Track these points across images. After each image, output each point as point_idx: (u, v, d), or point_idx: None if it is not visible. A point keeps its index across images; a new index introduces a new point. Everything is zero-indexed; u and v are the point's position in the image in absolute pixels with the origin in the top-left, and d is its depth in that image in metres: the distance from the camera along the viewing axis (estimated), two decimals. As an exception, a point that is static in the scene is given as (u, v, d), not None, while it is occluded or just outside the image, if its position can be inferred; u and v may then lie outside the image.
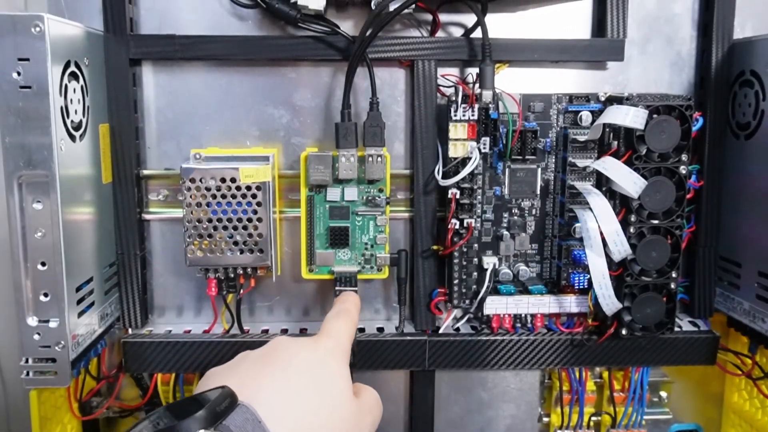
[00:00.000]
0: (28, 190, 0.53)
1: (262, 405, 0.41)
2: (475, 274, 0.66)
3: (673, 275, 0.62)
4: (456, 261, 0.65)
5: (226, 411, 0.39)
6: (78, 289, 0.57)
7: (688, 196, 0.61)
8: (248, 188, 0.61)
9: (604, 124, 0.62)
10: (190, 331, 0.68)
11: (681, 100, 0.59)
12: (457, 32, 0.67)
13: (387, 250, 0.66)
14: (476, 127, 0.62)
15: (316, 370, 0.47)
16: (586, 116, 0.65)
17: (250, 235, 0.62)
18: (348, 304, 0.58)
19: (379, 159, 0.63)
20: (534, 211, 0.67)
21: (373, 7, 0.61)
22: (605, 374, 0.73)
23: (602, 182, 0.63)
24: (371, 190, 0.65)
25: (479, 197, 0.66)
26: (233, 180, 0.61)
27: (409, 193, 0.69)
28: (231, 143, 0.67)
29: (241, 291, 0.66)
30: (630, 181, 0.59)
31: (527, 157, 0.65)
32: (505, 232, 0.67)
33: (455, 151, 0.62)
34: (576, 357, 0.68)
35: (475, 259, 0.66)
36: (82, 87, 0.58)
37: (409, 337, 0.67)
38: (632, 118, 0.58)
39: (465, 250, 0.65)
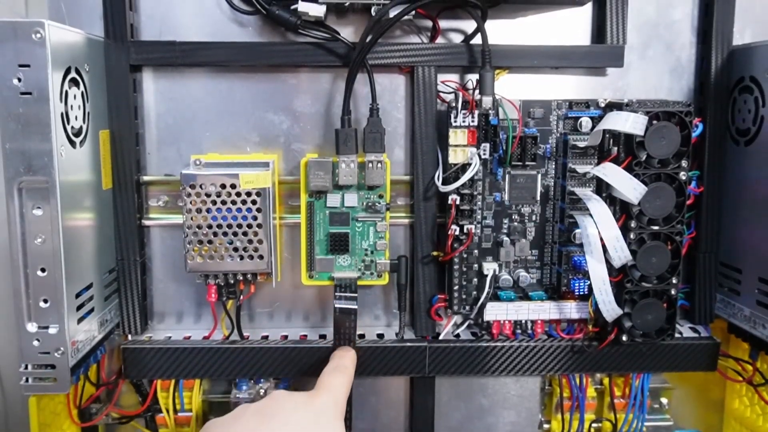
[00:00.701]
0: (28, 196, 0.53)
1: None
2: (476, 280, 0.66)
3: (674, 281, 0.62)
4: (456, 267, 0.65)
5: None
6: (78, 295, 0.57)
7: (688, 202, 0.61)
8: (248, 194, 0.61)
9: (604, 130, 0.62)
10: (189, 337, 0.68)
11: (681, 106, 0.59)
12: (457, 38, 0.67)
13: (387, 256, 0.66)
14: (476, 133, 0.62)
15: (314, 424, 0.48)
16: (585, 122, 0.65)
17: (250, 241, 0.62)
18: (345, 360, 0.59)
19: (379, 165, 0.63)
20: (534, 217, 0.67)
21: (373, 13, 0.61)
22: (606, 380, 0.73)
23: (602, 188, 0.63)
24: (371, 196, 0.65)
25: (479, 203, 0.66)
26: (233, 186, 0.61)
27: (409, 199, 0.69)
28: (231, 149, 0.67)
29: (241, 297, 0.66)
30: (630, 187, 0.59)
31: (527, 163, 0.65)
32: (505, 238, 0.67)
33: (455, 157, 0.62)
34: (576, 363, 0.67)
35: (475, 265, 0.66)
36: (82, 93, 0.58)
37: (409, 344, 0.67)
38: (632, 124, 0.58)
39: (465, 256, 0.65)
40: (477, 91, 0.62)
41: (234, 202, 0.61)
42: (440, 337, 0.68)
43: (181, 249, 0.64)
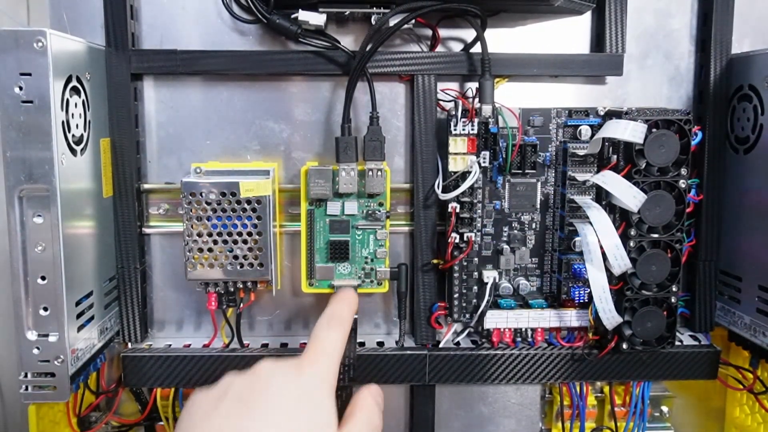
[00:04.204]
0: (28, 204, 0.53)
1: None
2: (476, 288, 0.66)
3: (674, 289, 0.62)
4: (456, 275, 0.65)
5: None
6: (78, 303, 0.57)
7: (687, 209, 0.61)
8: (248, 202, 0.61)
9: (604, 138, 0.62)
10: (189, 345, 0.68)
11: (680, 115, 0.59)
12: (457, 47, 0.67)
13: (387, 264, 0.66)
14: (476, 141, 0.62)
15: (301, 405, 0.45)
16: (585, 130, 0.65)
17: (251, 249, 0.62)
18: (342, 306, 0.55)
19: (379, 173, 0.63)
20: (534, 225, 0.67)
21: (373, 22, 0.62)
22: (606, 389, 0.73)
23: (602, 196, 0.63)
24: (371, 204, 0.65)
25: (479, 211, 0.66)
26: (233, 194, 0.61)
27: (409, 207, 0.69)
28: (231, 157, 0.67)
29: (241, 305, 0.66)
30: (629, 195, 0.59)
31: (527, 171, 0.65)
32: (505, 246, 0.67)
33: (455, 165, 0.62)
34: (577, 371, 0.67)
35: (475, 273, 0.66)
36: (83, 101, 0.58)
37: (409, 352, 0.67)
38: (631, 132, 0.58)
39: (465, 264, 0.65)
40: (477, 100, 0.63)
41: (234, 210, 0.62)
42: (440, 345, 0.68)
43: (181, 257, 0.64)
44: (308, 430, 0.45)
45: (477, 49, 0.64)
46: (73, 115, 0.56)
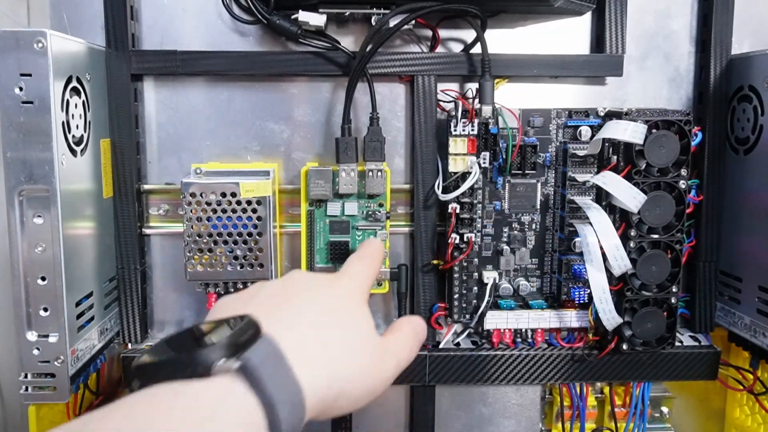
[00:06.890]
0: (28, 204, 0.53)
1: (284, 338, 0.37)
2: (476, 288, 0.66)
3: (674, 290, 0.62)
4: (456, 275, 0.65)
5: (248, 342, 0.35)
6: (78, 304, 0.57)
7: (687, 210, 0.61)
8: (249, 203, 0.62)
9: (604, 139, 0.62)
10: (189, 346, 0.67)
11: (680, 115, 0.59)
12: (457, 48, 0.67)
13: (387, 264, 0.66)
14: (476, 142, 0.62)
15: (338, 307, 0.43)
16: (585, 131, 0.65)
17: (251, 250, 0.62)
18: (372, 249, 0.54)
19: (380, 174, 0.64)
20: (534, 226, 0.67)
21: (373, 23, 0.62)
22: (606, 389, 0.73)
23: (602, 197, 0.63)
24: (371, 204, 0.65)
25: (479, 212, 0.66)
26: (234, 195, 0.61)
27: (410, 208, 0.69)
28: (232, 158, 0.67)
29: (241, 306, 0.66)
30: (630, 196, 0.59)
31: (527, 171, 0.65)
32: (505, 247, 0.67)
33: (455, 165, 0.62)
34: (577, 372, 0.67)
35: (476, 274, 0.66)
36: (83, 102, 0.58)
37: (409, 352, 0.67)
38: (631, 133, 0.58)
39: (465, 264, 0.65)
40: (477, 100, 0.63)
41: (234, 211, 0.62)
42: (440, 346, 0.68)
43: (181, 257, 0.64)
44: (347, 325, 0.43)
45: (477, 49, 0.64)
46: (73, 115, 0.56)
